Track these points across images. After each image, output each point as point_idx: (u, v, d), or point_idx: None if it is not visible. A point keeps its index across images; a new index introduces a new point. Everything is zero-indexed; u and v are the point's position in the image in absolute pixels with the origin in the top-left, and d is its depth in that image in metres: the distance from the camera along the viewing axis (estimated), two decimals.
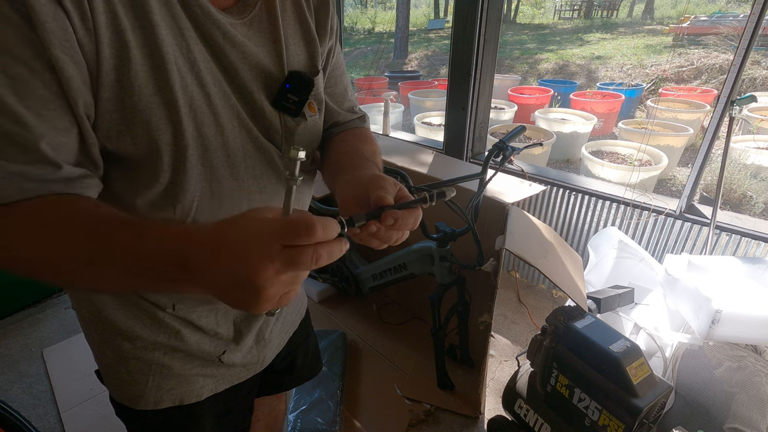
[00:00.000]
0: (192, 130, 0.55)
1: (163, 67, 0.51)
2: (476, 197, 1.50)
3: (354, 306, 2.30)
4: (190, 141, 0.54)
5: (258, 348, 0.82)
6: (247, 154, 0.62)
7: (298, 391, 1.74)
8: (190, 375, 0.74)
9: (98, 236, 0.45)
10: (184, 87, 0.53)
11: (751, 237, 1.72)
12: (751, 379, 1.32)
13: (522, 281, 2.50)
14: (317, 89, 0.67)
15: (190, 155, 0.55)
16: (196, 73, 0.54)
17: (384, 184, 0.52)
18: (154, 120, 0.52)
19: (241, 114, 0.60)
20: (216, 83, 0.56)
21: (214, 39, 0.55)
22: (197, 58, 0.54)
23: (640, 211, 2.00)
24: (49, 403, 1.75)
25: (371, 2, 26.87)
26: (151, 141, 0.52)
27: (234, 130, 0.59)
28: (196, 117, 0.55)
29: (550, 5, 20.38)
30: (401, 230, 0.50)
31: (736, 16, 9.94)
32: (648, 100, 6.11)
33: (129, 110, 0.50)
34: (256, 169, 0.63)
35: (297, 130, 0.65)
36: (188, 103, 0.53)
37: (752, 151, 3.99)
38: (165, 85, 0.51)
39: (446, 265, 1.63)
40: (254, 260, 0.38)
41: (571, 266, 1.46)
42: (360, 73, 10.68)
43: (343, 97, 0.78)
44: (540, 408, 1.34)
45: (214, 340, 0.75)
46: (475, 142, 2.42)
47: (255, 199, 0.64)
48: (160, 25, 0.50)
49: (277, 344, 0.89)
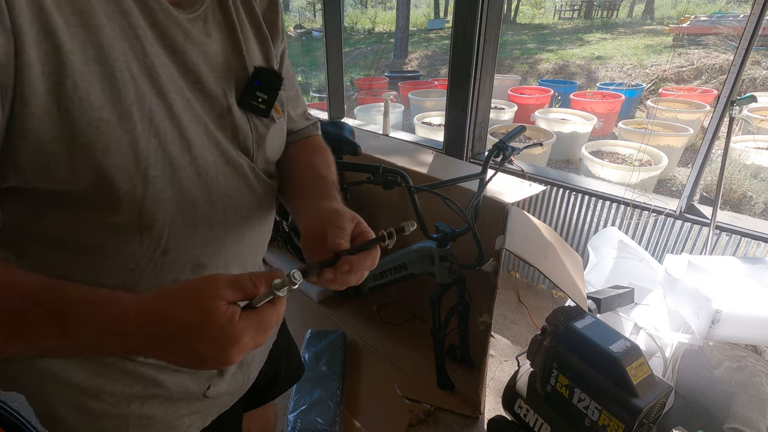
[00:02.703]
0: (155, 149, 0.46)
1: (112, 75, 0.42)
2: (476, 197, 1.50)
3: (354, 306, 2.30)
4: (152, 161, 0.46)
5: (241, 372, 0.76)
6: (219, 170, 0.54)
7: (298, 391, 1.74)
8: (175, 418, 0.66)
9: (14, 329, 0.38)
10: (140, 98, 0.45)
11: (751, 237, 1.72)
12: (751, 379, 1.32)
13: (522, 281, 2.50)
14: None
15: (153, 177, 0.47)
16: (154, 81, 0.46)
17: (342, 224, 0.51)
18: (101, 140, 0.42)
19: (208, 125, 0.52)
20: (178, 91, 0.49)
21: (174, 39, 0.48)
22: (155, 62, 0.46)
23: (640, 211, 2.00)
24: None
25: (371, 2, 26.87)
26: (98, 167, 0.43)
27: (203, 145, 0.52)
28: (159, 133, 0.47)
29: (550, 5, 20.38)
30: (358, 275, 0.49)
31: (736, 16, 9.94)
32: (648, 100, 6.11)
33: (66, 129, 0.41)
34: (228, 186, 0.56)
35: (268, 134, 0.60)
36: (147, 117, 0.45)
37: (752, 151, 3.99)
38: (116, 97, 0.42)
39: (446, 265, 1.63)
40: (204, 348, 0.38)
41: (571, 266, 1.46)
42: (360, 73, 10.68)
43: (297, 102, 0.74)
44: (540, 408, 1.34)
45: (196, 378, 0.67)
46: (475, 142, 2.42)
47: (231, 222, 0.58)
48: (106, 24, 0.42)
49: (259, 361, 0.84)
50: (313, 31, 15.91)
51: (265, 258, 2.70)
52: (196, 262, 0.57)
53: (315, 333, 2.04)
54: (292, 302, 2.35)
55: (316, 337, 2.01)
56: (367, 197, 2.19)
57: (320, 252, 0.49)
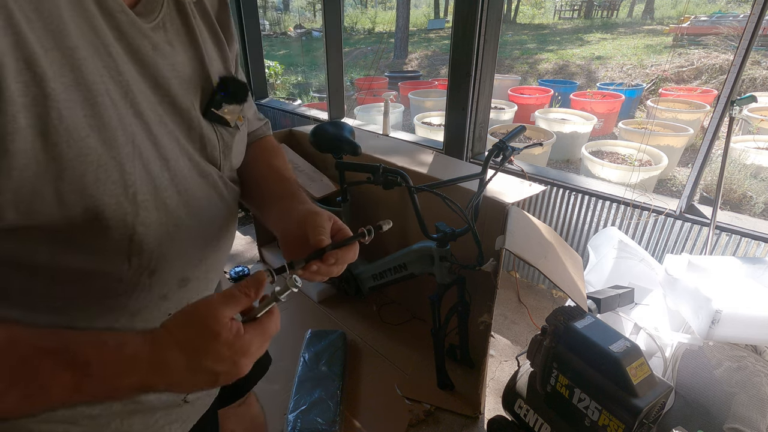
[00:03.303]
0: (140, 172, 0.45)
1: (94, 99, 0.40)
2: (476, 197, 1.50)
3: (354, 306, 2.30)
4: (139, 185, 0.45)
5: None
6: (194, 184, 0.53)
7: (298, 391, 1.74)
8: (155, 429, 0.65)
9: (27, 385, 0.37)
10: (121, 120, 0.42)
11: (751, 237, 1.72)
12: (751, 379, 1.32)
13: (522, 281, 2.50)
14: None
15: (142, 202, 0.45)
16: (131, 100, 0.44)
17: (321, 223, 0.54)
18: (91, 170, 0.40)
19: (179, 139, 0.51)
20: (151, 107, 0.47)
21: (142, 52, 0.46)
22: (129, 80, 0.44)
23: (640, 211, 2.00)
24: None
25: (371, 2, 26.87)
26: (88, 199, 0.41)
27: (178, 161, 0.50)
28: (141, 155, 0.45)
29: (550, 5, 20.38)
30: (341, 266, 0.54)
31: (736, 16, 9.94)
32: (648, 100, 6.11)
33: (53, 164, 0.38)
34: (203, 199, 0.55)
35: (233, 142, 0.59)
36: (130, 140, 0.43)
37: (752, 151, 3.99)
38: (99, 123, 0.40)
39: (446, 265, 1.63)
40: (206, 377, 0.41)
41: (571, 266, 1.46)
42: (360, 73, 10.68)
43: (250, 104, 0.73)
44: (540, 408, 1.34)
45: None
46: (475, 142, 2.42)
47: (209, 233, 0.58)
48: (80, 45, 0.39)
49: None
50: (313, 31, 15.91)
51: (265, 257, 2.70)
52: (182, 276, 0.57)
53: (315, 333, 2.04)
54: (292, 302, 2.35)
55: (316, 337, 2.01)
56: (367, 197, 2.19)
57: (301, 250, 0.53)
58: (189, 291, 0.60)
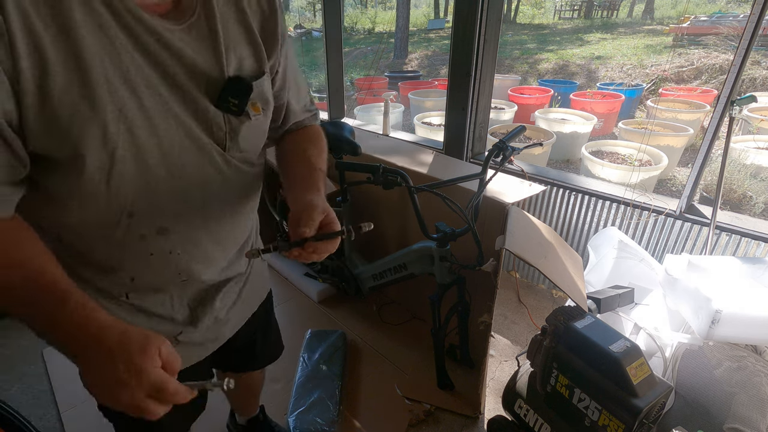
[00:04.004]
0: (123, 133, 0.58)
1: (88, 78, 0.54)
2: (476, 197, 1.50)
3: (354, 306, 2.30)
4: (120, 143, 0.58)
5: (215, 327, 0.88)
6: (187, 154, 0.66)
7: (298, 391, 1.74)
8: None
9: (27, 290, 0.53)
10: (113, 93, 0.56)
11: (751, 237, 1.72)
12: (751, 379, 1.32)
13: (522, 281, 2.50)
14: (262, 92, 0.71)
15: (120, 156, 0.59)
16: (126, 80, 0.57)
17: (310, 215, 0.65)
18: (78, 124, 0.55)
19: (179, 115, 0.63)
20: (149, 87, 0.59)
21: (146, 45, 0.58)
22: (129, 65, 0.57)
23: (640, 211, 2.00)
24: (49, 403, 1.75)
25: (371, 2, 26.87)
26: (74, 144, 0.56)
27: (169, 130, 0.63)
28: (127, 120, 0.58)
29: (550, 5, 20.37)
30: (320, 255, 0.66)
31: (736, 16, 9.94)
32: (648, 100, 6.11)
33: (50, 116, 0.54)
34: (192, 167, 0.68)
35: (241, 128, 0.70)
36: (118, 108, 0.57)
37: (752, 151, 3.99)
38: (90, 94, 0.55)
39: (446, 265, 1.63)
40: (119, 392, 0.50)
41: (571, 266, 1.46)
42: (360, 73, 10.68)
43: (298, 97, 0.84)
44: (540, 408, 1.34)
45: (170, 324, 0.80)
46: (475, 142, 2.42)
47: (193, 197, 0.71)
48: (86, 37, 0.53)
49: (236, 323, 0.95)
50: (313, 31, 15.90)
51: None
52: (160, 225, 0.69)
53: (315, 333, 2.04)
54: (292, 302, 2.35)
55: (316, 337, 2.01)
56: (367, 197, 2.19)
57: (295, 234, 0.65)
58: (170, 241, 0.71)
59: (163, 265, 0.73)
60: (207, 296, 0.83)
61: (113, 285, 0.73)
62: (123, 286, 0.74)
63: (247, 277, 0.94)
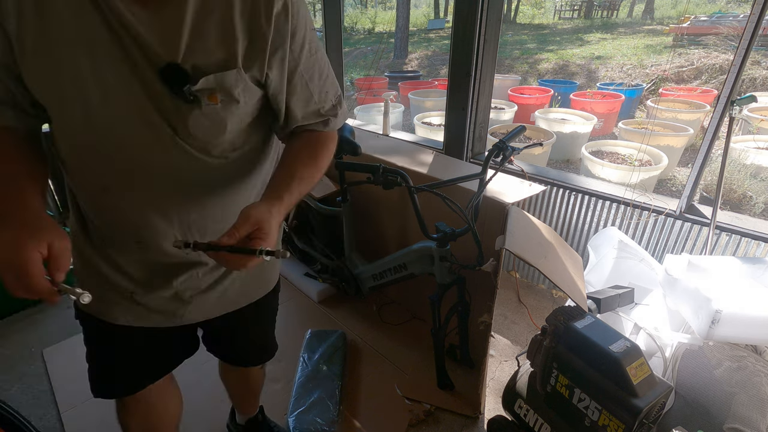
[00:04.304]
0: (77, 96, 0.69)
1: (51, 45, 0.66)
2: (476, 197, 1.50)
3: (354, 306, 2.30)
4: (71, 104, 0.70)
5: (175, 303, 0.92)
6: (133, 124, 0.72)
7: (298, 391, 1.74)
8: (107, 299, 0.89)
9: None
10: (73, 60, 0.67)
11: (751, 237, 1.72)
12: (751, 379, 1.32)
13: (522, 281, 2.50)
14: (224, 85, 0.71)
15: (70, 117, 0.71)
16: (89, 49, 0.66)
17: (239, 224, 0.68)
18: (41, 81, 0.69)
19: (134, 87, 0.69)
20: (108, 57, 0.67)
21: (110, 23, 0.65)
22: (95, 38, 0.66)
23: (640, 211, 2.00)
24: (49, 403, 1.75)
25: (371, 2, 26.86)
26: (41, 95, 0.70)
27: (121, 101, 0.70)
28: (82, 87, 0.68)
29: (550, 5, 20.37)
30: (231, 266, 0.68)
31: (736, 16, 9.94)
32: (648, 100, 6.11)
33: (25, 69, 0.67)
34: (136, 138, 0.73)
35: (190, 115, 0.72)
36: (73, 74, 0.67)
37: (752, 151, 3.99)
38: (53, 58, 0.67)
39: (446, 265, 1.63)
40: None
41: (571, 266, 1.46)
42: (360, 73, 10.68)
43: (308, 102, 0.83)
44: (540, 408, 1.34)
45: (126, 280, 0.88)
46: (475, 142, 2.42)
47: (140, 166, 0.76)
48: (63, 11, 0.64)
49: (206, 312, 0.98)
50: None
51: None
52: (103, 183, 0.78)
53: (315, 333, 2.04)
54: (292, 302, 2.35)
55: (316, 337, 2.01)
56: (367, 197, 2.19)
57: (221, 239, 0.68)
58: (112, 197, 0.79)
59: (115, 222, 0.82)
60: (169, 271, 0.88)
61: (89, 223, 0.85)
62: (94, 228, 0.85)
63: (230, 274, 0.95)
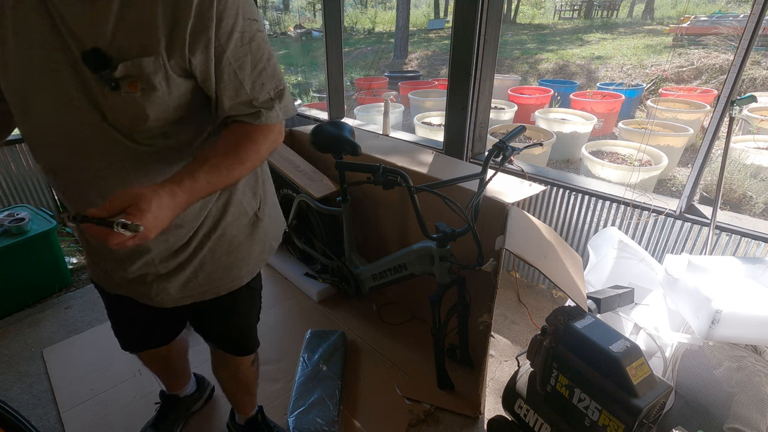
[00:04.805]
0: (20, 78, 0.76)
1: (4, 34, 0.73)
2: (476, 197, 1.50)
3: (354, 306, 2.30)
4: (18, 87, 0.77)
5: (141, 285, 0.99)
6: (65, 108, 0.76)
7: (298, 391, 1.74)
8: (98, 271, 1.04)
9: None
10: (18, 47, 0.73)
11: (751, 237, 1.72)
12: (751, 379, 1.32)
13: (522, 281, 2.50)
14: (143, 72, 0.72)
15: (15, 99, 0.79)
16: (24, 31, 0.72)
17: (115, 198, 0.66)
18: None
19: (65, 73, 0.74)
20: (44, 47, 0.72)
21: (48, 10, 0.70)
22: (30, 21, 0.72)
23: (640, 211, 2.00)
24: (49, 403, 1.75)
25: (371, 2, 26.86)
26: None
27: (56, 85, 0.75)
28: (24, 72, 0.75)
29: (550, 5, 20.37)
30: (92, 238, 0.66)
31: (736, 16, 9.94)
32: (648, 100, 6.10)
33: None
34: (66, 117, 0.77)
35: (111, 101, 0.75)
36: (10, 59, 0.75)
37: (752, 151, 3.99)
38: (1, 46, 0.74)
39: (446, 265, 1.63)
40: None
41: (571, 266, 1.46)
42: (360, 73, 10.68)
43: (237, 92, 0.81)
44: (540, 408, 1.34)
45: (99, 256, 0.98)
46: (475, 142, 2.42)
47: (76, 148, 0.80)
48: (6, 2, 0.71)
49: (175, 299, 1.03)
50: (313, 31, 15.89)
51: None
52: (51, 167, 0.85)
53: (315, 333, 2.04)
54: (292, 302, 2.35)
55: (316, 337, 2.01)
56: (367, 197, 2.19)
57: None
58: (60, 179, 0.85)
59: (69, 203, 0.88)
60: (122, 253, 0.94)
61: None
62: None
63: (201, 260, 1.00)
